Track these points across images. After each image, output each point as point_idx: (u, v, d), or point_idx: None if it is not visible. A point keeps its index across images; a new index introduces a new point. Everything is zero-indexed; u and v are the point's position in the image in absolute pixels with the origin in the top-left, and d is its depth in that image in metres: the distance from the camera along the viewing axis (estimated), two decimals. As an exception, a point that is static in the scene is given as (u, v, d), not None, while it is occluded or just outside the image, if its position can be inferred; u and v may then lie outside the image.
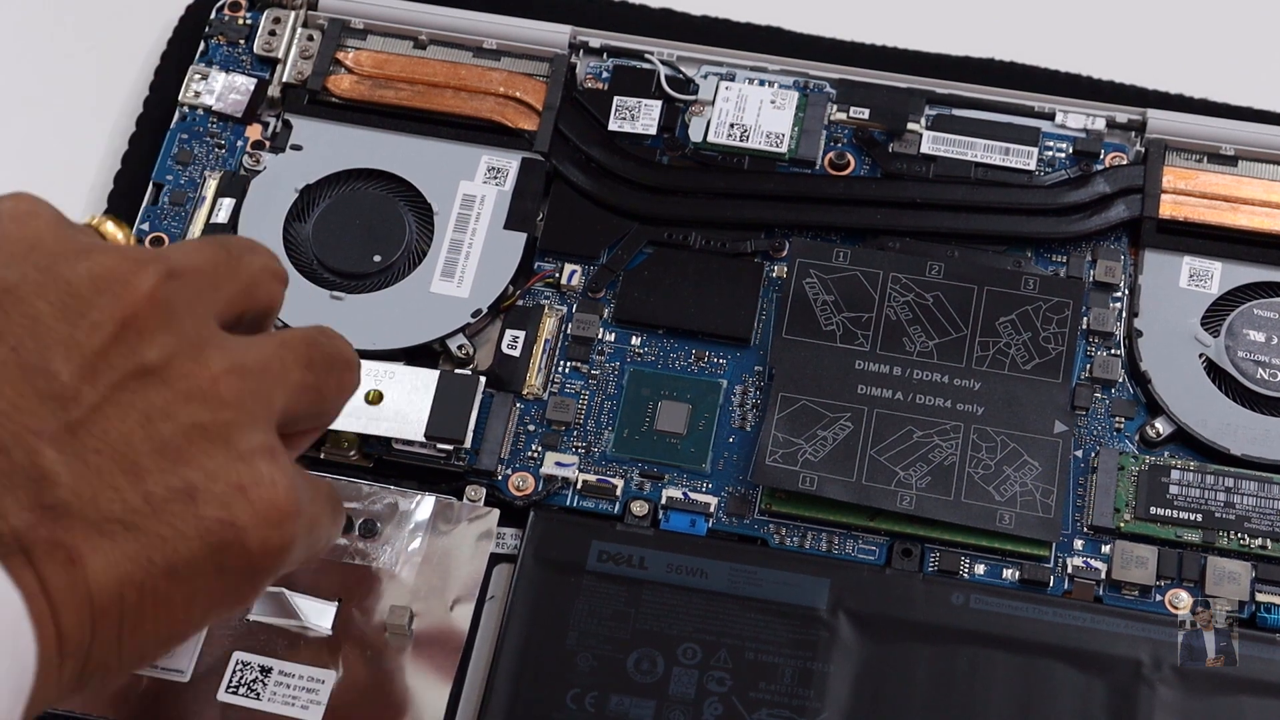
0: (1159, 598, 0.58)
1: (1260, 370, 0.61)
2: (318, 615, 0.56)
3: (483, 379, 0.61)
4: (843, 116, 0.67)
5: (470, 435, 0.60)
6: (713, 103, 0.67)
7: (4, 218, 0.43)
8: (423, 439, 0.59)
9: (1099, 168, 0.66)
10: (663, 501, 0.60)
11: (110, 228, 0.47)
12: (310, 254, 0.64)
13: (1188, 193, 0.65)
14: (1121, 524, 0.59)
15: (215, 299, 0.44)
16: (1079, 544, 0.59)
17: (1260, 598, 0.58)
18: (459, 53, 0.68)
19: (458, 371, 0.61)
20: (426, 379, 0.60)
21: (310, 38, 0.68)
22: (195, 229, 0.65)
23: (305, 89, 0.67)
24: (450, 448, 0.59)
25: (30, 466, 0.39)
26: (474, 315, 0.63)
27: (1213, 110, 0.68)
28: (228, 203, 0.65)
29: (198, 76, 0.68)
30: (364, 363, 0.51)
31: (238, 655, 0.56)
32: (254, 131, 0.67)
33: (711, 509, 0.60)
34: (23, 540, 0.38)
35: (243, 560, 0.41)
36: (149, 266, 0.42)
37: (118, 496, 0.40)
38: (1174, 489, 0.59)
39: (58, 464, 0.39)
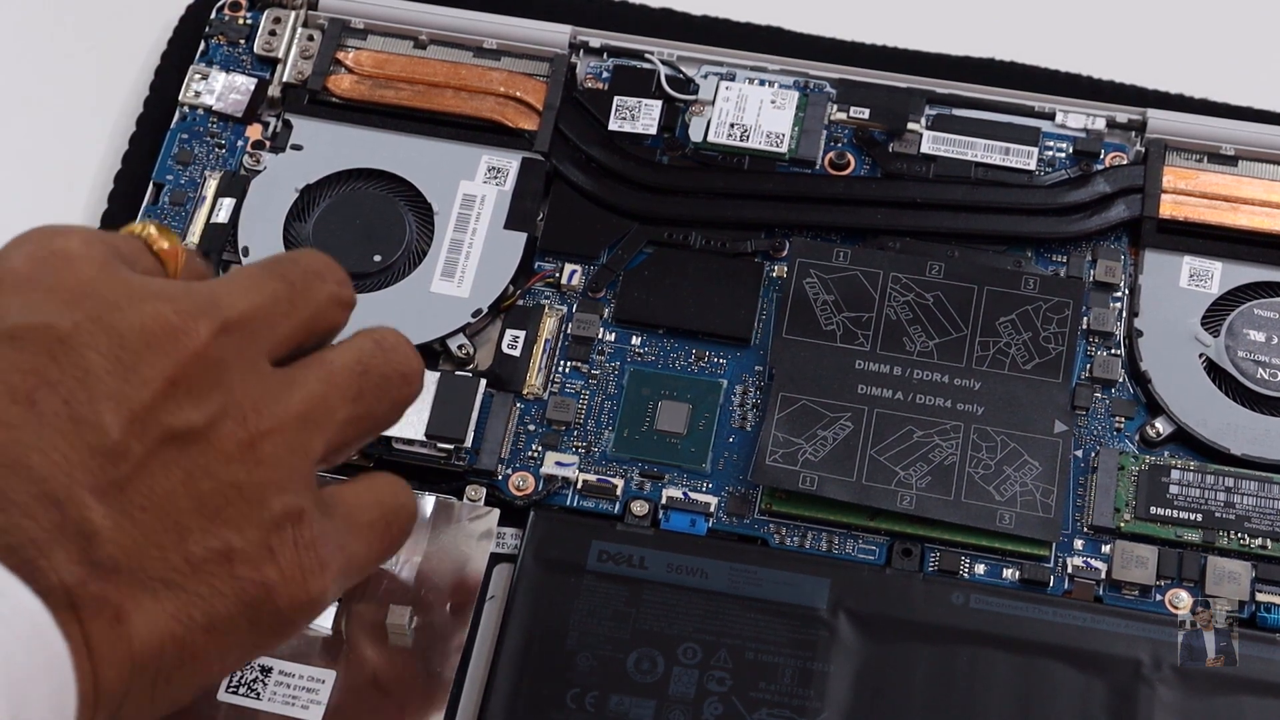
0: (1159, 598, 0.58)
1: (1260, 370, 0.61)
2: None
3: (483, 380, 0.61)
4: (843, 116, 0.67)
5: (470, 435, 0.60)
6: (713, 102, 0.67)
7: (58, 258, 0.42)
8: (423, 438, 0.59)
9: (1099, 167, 0.66)
10: (663, 501, 0.60)
11: (154, 233, 0.46)
12: (310, 254, 0.64)
13: (1188, 193, 0.65)
14: (1121, 524, 0.59)
15: (270, 339, 0.44)
16: (1079, 544, 0.59)
17: (1260, 597, 0.58)
18: (459, 53, 0.68)
19: (458, 373, 0.61)
20: (427, 380, 0.60)
21: (310, 38, 0.68)
22: (195, 229, 0.65)
23: (305, 89, 0.67)
24: (450, 447, 0.59)
25: (81, 521, 0.39)
26: (474, 315, 0.63)
27: (1213, 110, 0.68)
28: (228, 203, 0.65)
29: (198, 76, 0.68)
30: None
31: (238, 655, 0.56)
32: (254, 131, 0.67)
33: (711, 509, 0.60)
34: (72, 596, 0.39)
35: (274, 616, 0.42)
36: (201, 321, 0.42)
37: (161, 555, 0.40)
38: (1174, 489, 0.59)
39: (106, 520, 0.39)
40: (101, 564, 0.39)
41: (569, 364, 0.63)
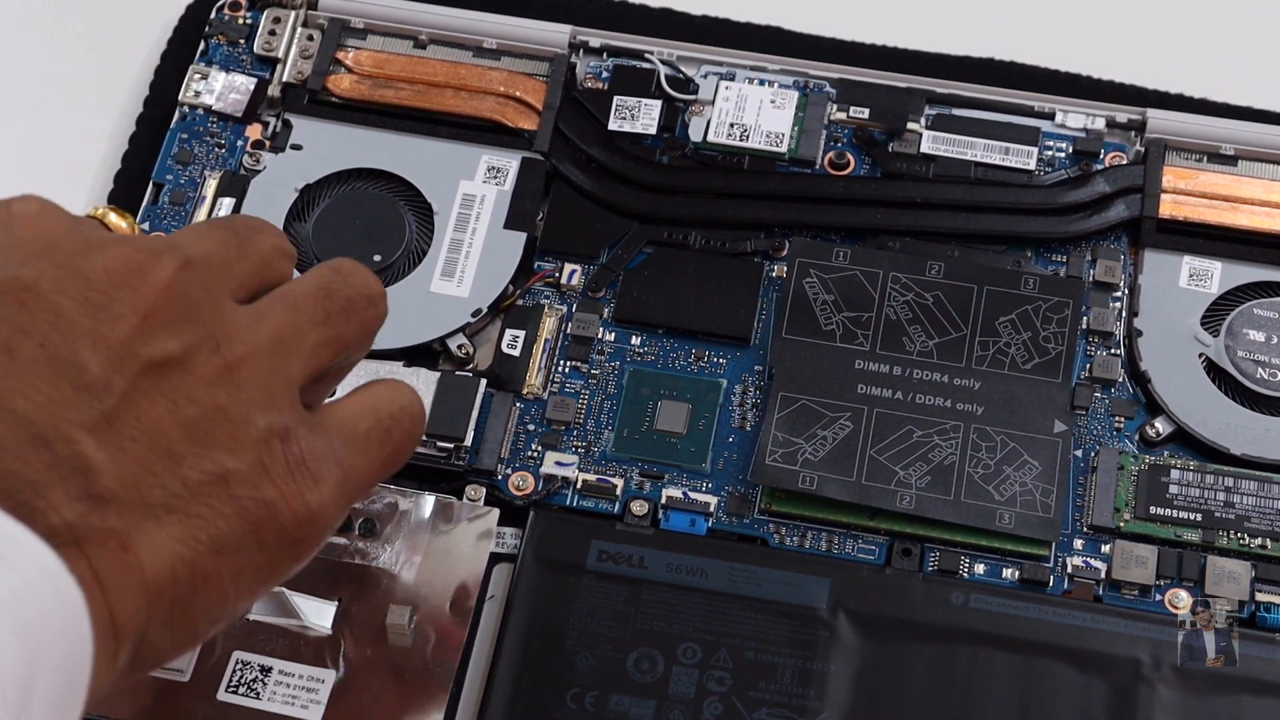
0: (1159, 597, 0.58)
1: (1260, 370, 0.61)
2: (318, 615, 0.56)
3: (483, 379, 0.61)
4: (843, 116, 0.67)
5: (470, 435, 0.60)
6: (713, 102, 0.67)
7: (15, 219, 0.43)
8: (423, 437, 0.59)
9: (1099, 167, 0.66)
10: (663, 501, 0.60)
11: (114, 219, 0.47)
12: (310, 254, 0.64)
13: (1188, 192, 0.65)
14: (1121, 524, 0.59)
15: (229, 280, 0.45)
16: (1079, 544, 0.59)
17: (1260, 597, 0.58)
18: (459, 52, 0.68)
19: (458, 373, 0.61)
20: (427, 379, 0.60)
21: (310, 37, 0.68)
22: (195, 229, 0.65)
23: (305, 89, 0.67)
24: (450, 446, 0.59)
25: (74, 457, 0.39)
26: (474, 315, 0.63)
27: (1213, 110, 0.68)
28: (228, 202, 0.65)
29: (198, 76, 0.68)
30: (363, 363, 0.51)
31: (238, 655, 0.56)
32: (254, 131, 0.67)
33: (711, 508, 0.60)
34: (75, 531, 0.39)
35: (280, 533, 0.42)
36: (164, 257, 0.43)
37: (157, 482, 0.40)
38: (1174, 489, 0.59)
39: (99, 454, 0.40)
40: (100, 496, 0.39)
41: (569, 364, 0.63)
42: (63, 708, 0.38)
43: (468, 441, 0.60)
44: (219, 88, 0.68)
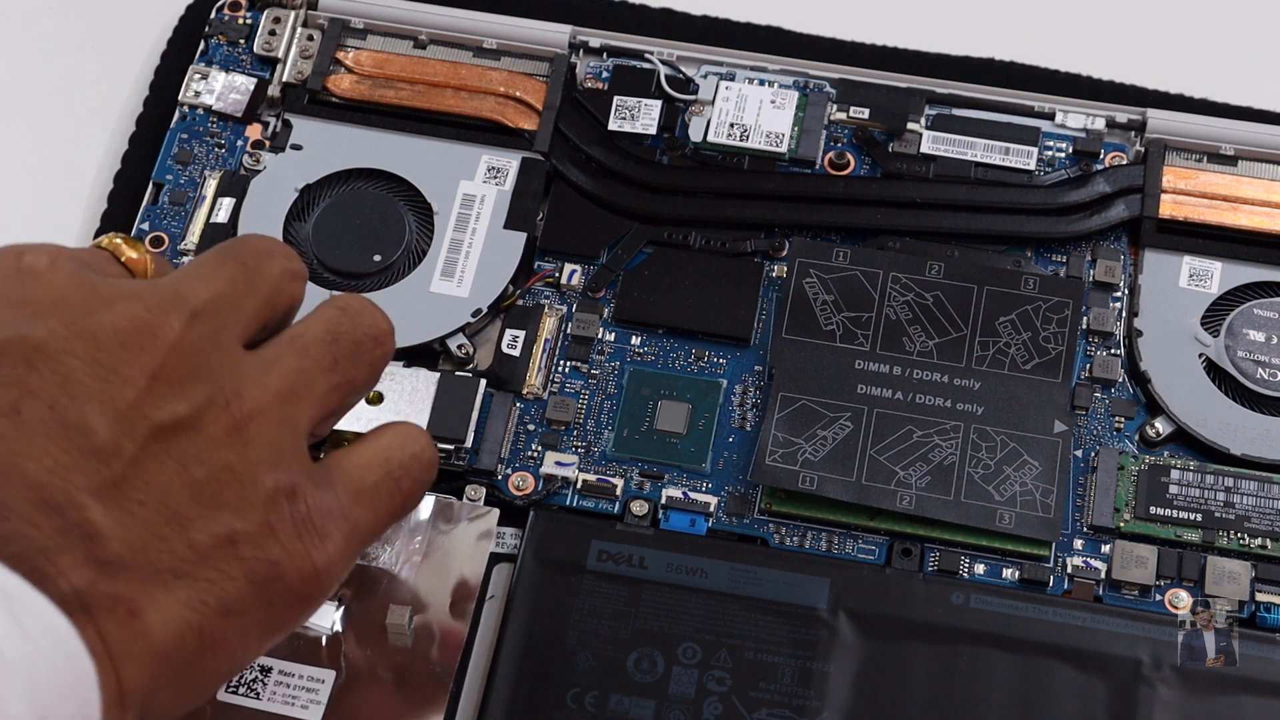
0: (1159, 597, 0.58)
1: (1260, 370, 0.61)
2: (318, 615, 0.56)
3: (483, 380, 0.61)
4: (843, 116, 0.67)
5: (471, 435, 0.60)
6: (713, 102, 0.67)
7: (25, 273, 0.43)
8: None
9: (1099, 167, 0.66)
10: (663, 501, 0.60)
11: (119, 243, 0.46)
12: (310, 254, 0.64)
13: (1188, 192, 0.65)
14: (1121, 524, 0.59)
15: (238, 322, 0.44)
16: (1079, 544, 0.59)
17: (1260, 597, 0.58)
18: (459, 52, 0.68)
19: (458, 373, 0.61)
20: (427, 380, 0.60)
21: (310, 37, 0.68)
22: (195, 229, 0.65)
23: (305, 89, 0.67)
24: (451, 447, 0.59)
25: (82, 523, 0.39)
26: (474, 315, 0.63)
27: (1213, 110, 0.68)
28: (228, 202, 0.65)
29: (198, 76, 0.68)
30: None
31: (238, 655, 0.56)
32: (254, 131, 0.67)
33: (711, 508, 0.60)
34: (84, 599, 0.39)
35: (286, 592, 0.42)
36: (171, 314, 0.42)
37: (165, 547, 0.40)
38: (1174, 489, 0.59)
39: (107, 519, 0.39)
40: (108, 563, 0.39)
41: (569, 364, 0.63)
42: None
43: (468, 443, 0.60)
44: (219, 88, 0.68)
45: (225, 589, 0.41)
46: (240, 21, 0.69)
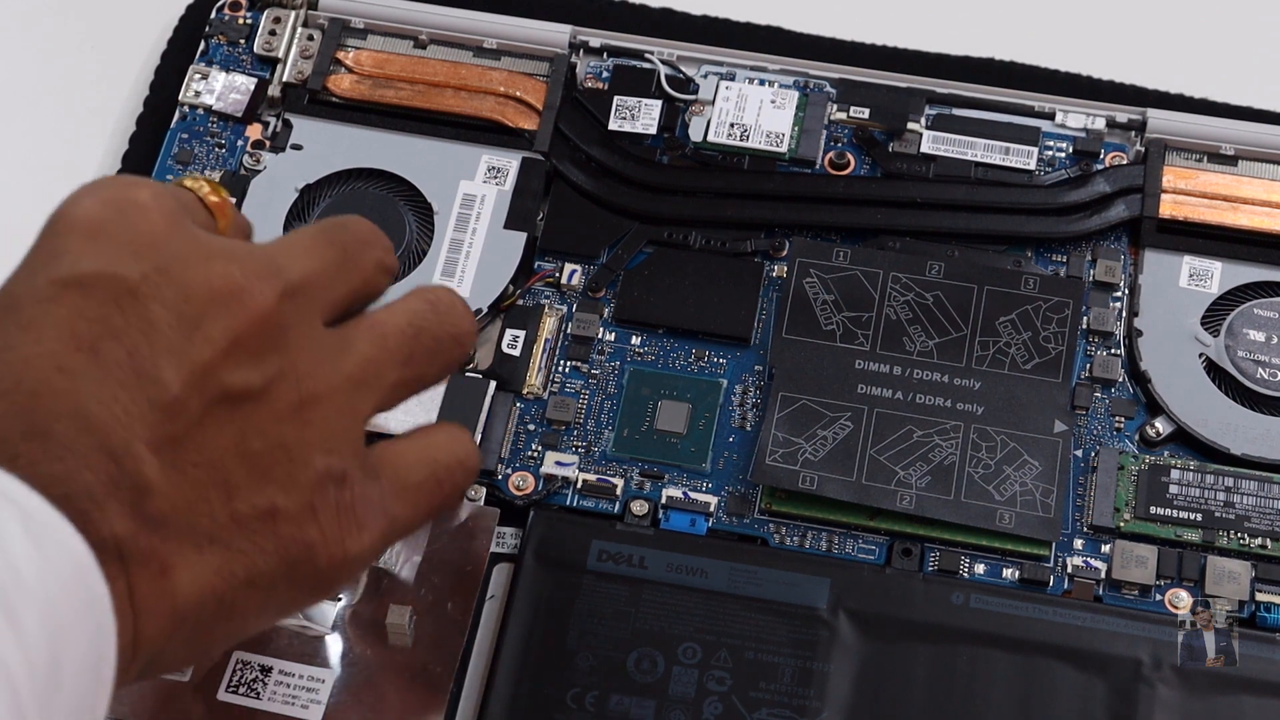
0: (1159, 597, 0.58)
1: (1260, 370, 0.61)
2: (318, 615, 0.56)
3: (493, 383, 0.61)
4: (843, 116, 0.67)
5: (479, 438, 0.60)
6: (713, 102, 0.67)
7: (130, 207, 0.43)
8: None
9: (1099, 167, 0.66)
10: (663, 501, 0.60)
11: (205, 186, 0.46)
12: (310, 254, 0.64)
13: (1188, 192, 0.65)
14: (1121, 523, 0.59)
15: (325, 303, 0.44)
16: (1079, 543, 0.59)
17: (1260, 597, 0.58)
18: (459, 52, 0.68)
19: (467, 374, 0.61)
20: None
21: (310, 37, 0.68)
22: (195, 229, 0.65)
23: (305, 88, 0.67)
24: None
25: (135, 475, 0.39)
26: (474, 315, 0.63)
27: (1213, 110, 0.68)
28: (228, 202, 0.65)
29: (198, 76, 0.68)
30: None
31: (238, 655, 0.56)
32: (254, 131, 0.67)
33: (711, 508, 0.60)
34: (121, 548, 0.39)
35: (313, 574, 0.43)
36: (267, 284, 0.42)
37: (208, 511, 0.41)
38: (1174, 488, 0.59)
39: (159, 475, 0.40)
40: (152, 518, 0.39)
41: (569, 364, 0.63)
42: (86, 710, 0.38)
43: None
44: (219, 88, 0.68)
45: (256, 562, 0.41)
46: (240, 21, 0.69)
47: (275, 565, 0.42)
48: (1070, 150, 0.66)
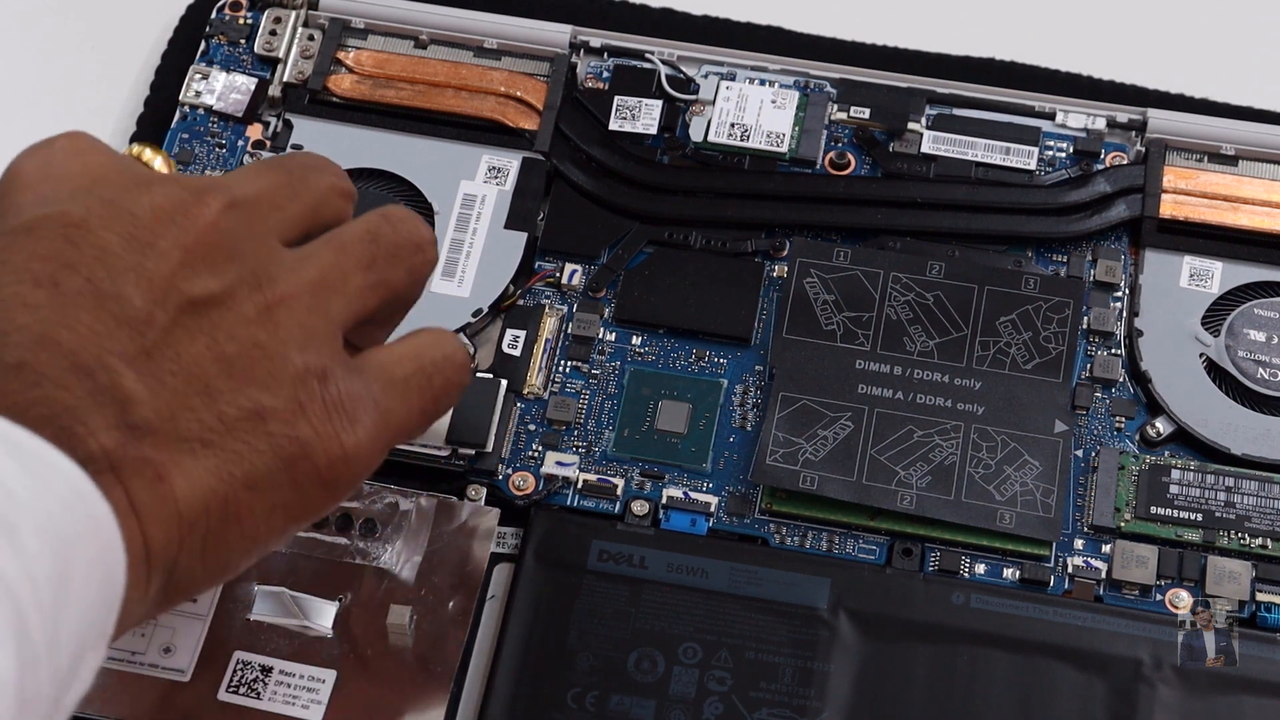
0: (1159, 597, 0.58)
1: (1261, 370, 0.61)
2: (318, 615, 0.56)
3: (504, 381, 0.61)
4: (843, 116, 0.67)
5: (491, 440, 0.59)
6: (713, 102, 0.67)
7: (62, 153, 0.45)
8: (444, 445, 0.59)
9: (1099, 167, 0.66)
10: (663, 501, 0.60)
11: (149, 155, 0.48)
12: (311, 254, 0.64)
13: (1188, 192, 0.65)
14: (1122, 523, 0.59)
15: (278, 221, 0.45)
16: (1079, 543, 0.59)
17: (1260, 597, 0.58)
18: (460, 52, 0.68)
19: (479, 375, 0.61)
20: None
21: (311, 37, 0.68)
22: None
23: (306, 89, 0.67)
24: (471, 452, 0.59)
25: (113, 388, 0.40)
26: (474, 315, 0.63)
27: (1213, 110, 0.68)
28: (228, 202, 0.65)
29: (198, 76, 0.68)
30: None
31: (238, 655, 0.56)
32: (255, 131, 0.67)
33: (712, 508, 0.60)
34: (112, 459, 0.40)
35: (313, 473, 0.43)
36: (209, 196, 0.44)
37: (194, 416, 0.41)
38: (1174, 489, 0.59)
39: (138, 385, 0.40)
40: (137, 426, 0.40)
41: (569, 364, 0.63)
42: (97, 623, 0.38)
43: (489, 447, 0.59)
44: (220, 88, 0.68)
45: (252, 462, 0.42)
46: (241, 21, 0.69)
47: (272, 464, 0.42)
48: (1071, 150, 0.66)
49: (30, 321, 0.40)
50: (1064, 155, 0.66)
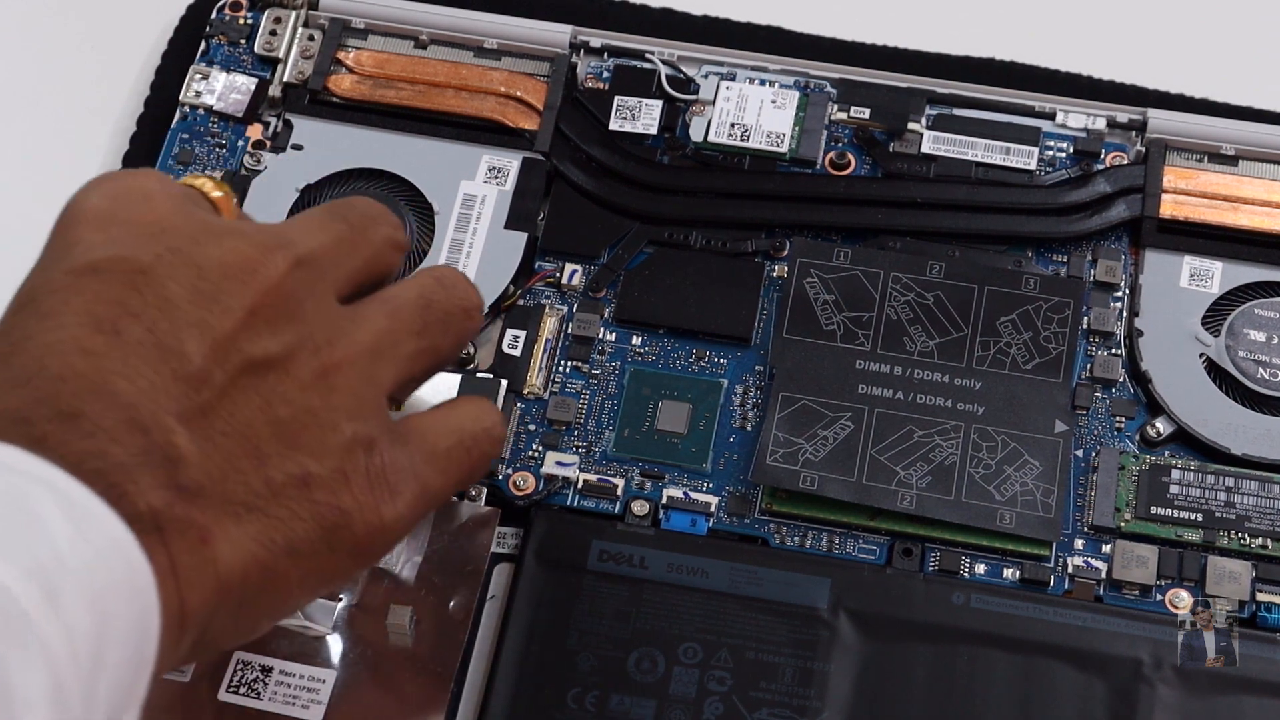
0: (1159, 597, 0.58)
1: (1261, 370, 0.61)
2: (318, 615, 0.56)
3: (504, 381, 0.61)
4: (843, 116, 0.67)
5: None
6: (713, 102, 0.67)
7: (135, 195, 0.44)
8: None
9: (1099, 167, 0.66)
10: (663, 501, 0.60)
11: (207, 182, 0.47)
12: (311, 254, 0.64)
13: (1188, 192, 0.65)
14: (1122, 523, 0.59)
15: (337, 277, 0.45)
16: (1079, 543, 0.59)
17: (1260, 597, 0.58)
18: (460, 52, 0.68)
19: (480, 375, 0.61)
20: (449, 383, 0.60)
21: (311, 37, 0.68)
22: (196, 229, 0.65)
23: (306, 89, 0.67)
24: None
25: (166, 446, 0.40)
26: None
27: (1213, 110, 0.68)
28: (228, 202, 0.65)
29: (199, 76, 0.68)
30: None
31: (238, 655, 0.56)
32: (255, 131, 0.67)
33: (712, 508, 0.60)
34: (159, 519, 0.39)
35: (350, 542, 0.43)
36: (277, 255, 0.43)
37: (242, 480, 0.41)
38: (1174, 489, 0.59)
39: (190, 445, 0.40)
40: (186, 488, 0.40)
41: (569, 364, 0.63)
42: (131, 684, 0.38)
43: None
44: (220, 88, 0.68)
45: (294, 529, 0.42)
46: (241, 22, 0.69)
47: (313, 532, 0.42)
48: (1071, 150, 0.66)
49: (90, 369, 0.39)
50: (1064, 155, 0.66)
